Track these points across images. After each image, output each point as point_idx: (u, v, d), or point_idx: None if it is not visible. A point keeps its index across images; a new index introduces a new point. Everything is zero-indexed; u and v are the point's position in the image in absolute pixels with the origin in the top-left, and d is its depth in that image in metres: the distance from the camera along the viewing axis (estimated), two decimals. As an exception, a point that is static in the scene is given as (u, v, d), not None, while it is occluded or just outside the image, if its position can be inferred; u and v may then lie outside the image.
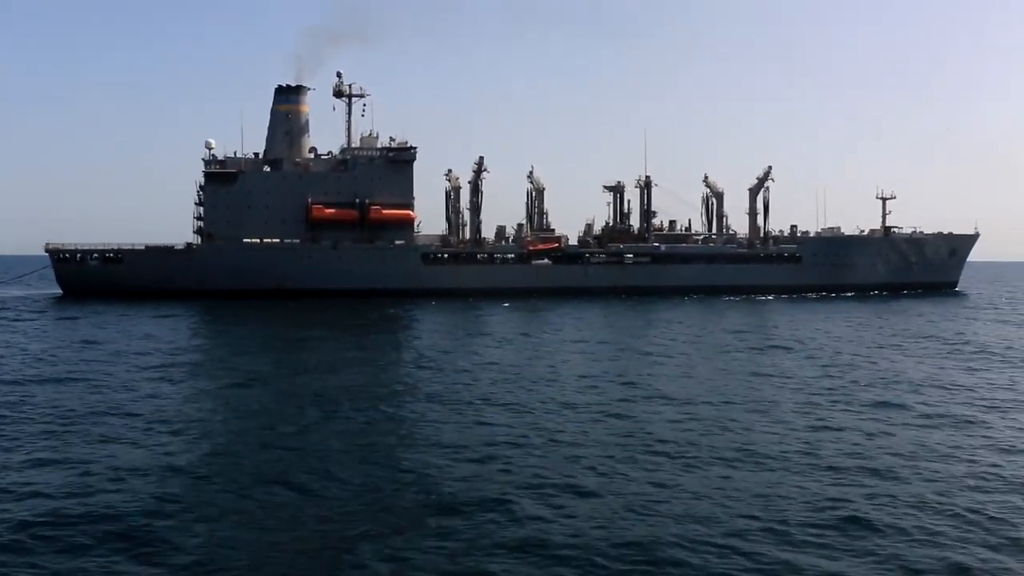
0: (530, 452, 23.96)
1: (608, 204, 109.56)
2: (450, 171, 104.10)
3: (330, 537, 17.37)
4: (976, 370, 40.63)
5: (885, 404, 31.36)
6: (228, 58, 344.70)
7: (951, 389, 34.80)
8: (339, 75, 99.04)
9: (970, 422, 28.27)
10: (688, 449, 24.36)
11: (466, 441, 25.22)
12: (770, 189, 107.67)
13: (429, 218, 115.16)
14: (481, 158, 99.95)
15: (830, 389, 34.66)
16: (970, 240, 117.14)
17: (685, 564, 15.93)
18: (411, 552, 16.47)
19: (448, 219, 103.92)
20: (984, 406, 31.17)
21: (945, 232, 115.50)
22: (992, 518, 18.38)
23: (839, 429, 27.09)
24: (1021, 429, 27.28)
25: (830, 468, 22.39)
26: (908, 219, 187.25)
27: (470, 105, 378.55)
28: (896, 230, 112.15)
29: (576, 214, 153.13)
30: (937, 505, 19.26)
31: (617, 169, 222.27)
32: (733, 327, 62.16)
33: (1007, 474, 21.93)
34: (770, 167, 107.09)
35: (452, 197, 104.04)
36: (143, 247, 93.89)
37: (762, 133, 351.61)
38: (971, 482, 21.14)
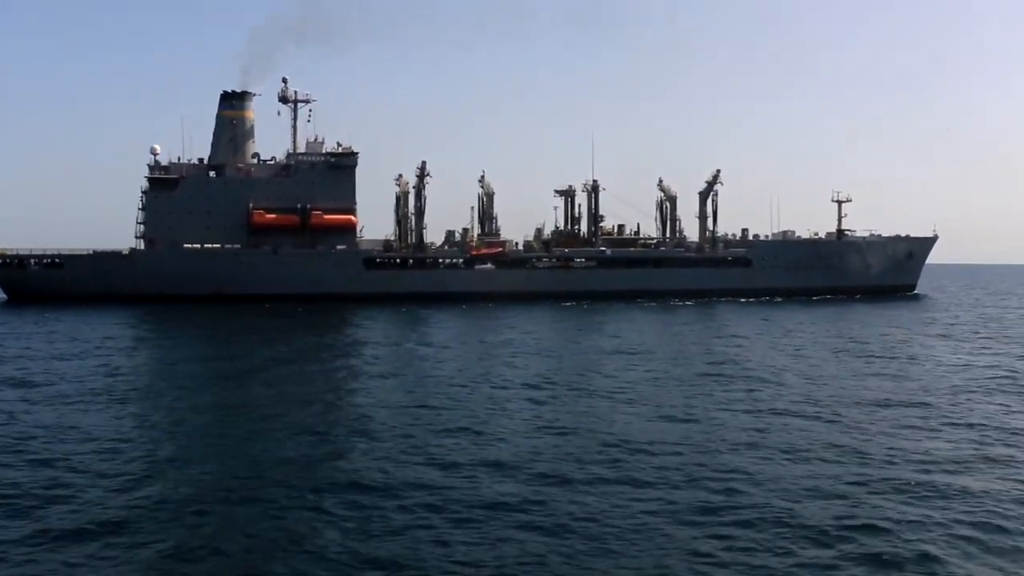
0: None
1: (555, 208, 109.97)
2: (400, 176, 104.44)
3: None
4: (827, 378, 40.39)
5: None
6: (179, 63, 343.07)
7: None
8: (285, 81, 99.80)
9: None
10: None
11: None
12: (718, 192, 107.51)
13: (382, 223, 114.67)
14: (423, 163, 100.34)
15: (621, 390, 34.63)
16: (928, 243, 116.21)
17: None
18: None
19: (398, 223, 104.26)
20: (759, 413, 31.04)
21: (903, 235, 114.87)
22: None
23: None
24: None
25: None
26: (879, 223, 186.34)
27: (428, 110, 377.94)
28: (849, 233, 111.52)
29: (534, 218, 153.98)
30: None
31: (575, 174, 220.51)
32: (611, 332, 62.09)
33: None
34: (718, 170, 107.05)
35: (402, 202, 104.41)
36: (90, 252, 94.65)
37: (724, 137, 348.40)
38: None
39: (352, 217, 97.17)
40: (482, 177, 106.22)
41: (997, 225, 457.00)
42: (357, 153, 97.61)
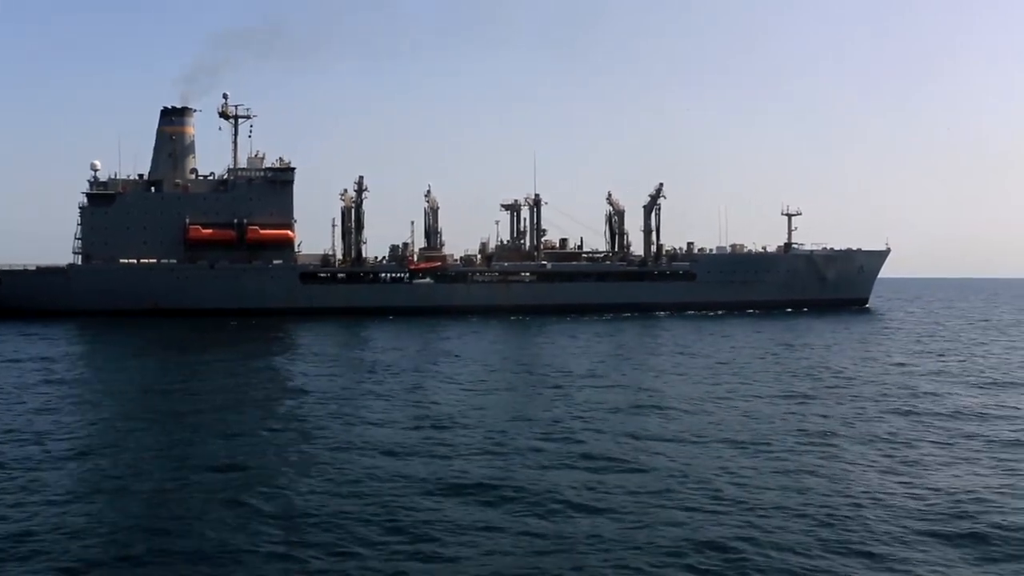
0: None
1: (496, 223, 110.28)
2: (346, 191, 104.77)
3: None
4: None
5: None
6: (124, 79, 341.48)
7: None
8: (225, 96, 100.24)
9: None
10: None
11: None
12: (662, 206, 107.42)
13: (328, 238, 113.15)
14: (361, 177, 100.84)
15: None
16: (880, 256, 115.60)
17: None
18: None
19: (343, 238, 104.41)
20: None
21: (854, 248, 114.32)
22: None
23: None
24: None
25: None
26: (834, 237, 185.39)
27: (380, 126, 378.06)
28: (797, 246, 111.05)
29: (483, 233, 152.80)
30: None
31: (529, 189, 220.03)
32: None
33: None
34: (661, 184, 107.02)
35: (347, 216, 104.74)
36: (33, 268, 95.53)
37: (677, 151, 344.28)
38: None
39: (289, 232, 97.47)
40: (428, 191, 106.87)
41: (957, 239, 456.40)
42: (294, 168, 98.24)
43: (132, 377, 44.99)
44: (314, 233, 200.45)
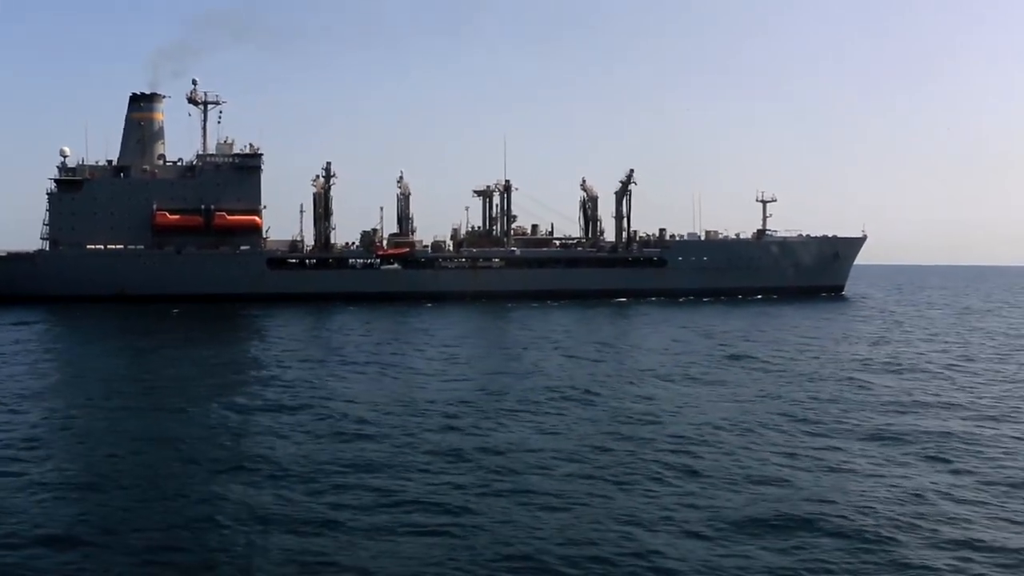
0: None
1: (467, 209, 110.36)
2: (318, 176, 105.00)
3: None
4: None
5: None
6: (96, 65, 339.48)
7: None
8: (194, 82, 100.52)
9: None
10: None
11: None
12: (632, 192, 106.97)
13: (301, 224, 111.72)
14: (328, 163, 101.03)
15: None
16: (856, 243, 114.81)
17: None
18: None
19: (315, 223, 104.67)
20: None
21: (829, 235, 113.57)
22: None
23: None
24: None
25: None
26: (814, 225, 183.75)
27: (346, 111, 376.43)
28: (770, 233, 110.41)
29: (455, 219, 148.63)
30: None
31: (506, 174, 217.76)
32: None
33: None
34: (632, 170, 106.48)
35: (317, 202, 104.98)
36: (3, 253, 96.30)
37: (651, 137, 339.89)
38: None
39: (256, 218, 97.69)
40: (400, 177, 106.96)
41: (956, 235, 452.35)
42: (262, 154, 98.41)
43: (59, 364, 45.38)
44: (291, 220, 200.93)
